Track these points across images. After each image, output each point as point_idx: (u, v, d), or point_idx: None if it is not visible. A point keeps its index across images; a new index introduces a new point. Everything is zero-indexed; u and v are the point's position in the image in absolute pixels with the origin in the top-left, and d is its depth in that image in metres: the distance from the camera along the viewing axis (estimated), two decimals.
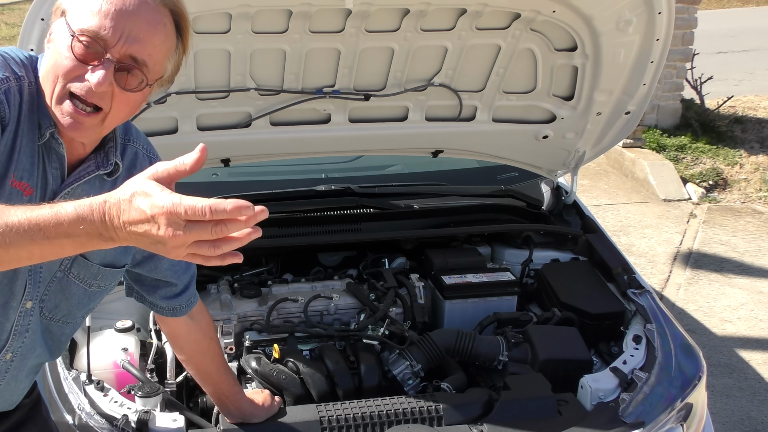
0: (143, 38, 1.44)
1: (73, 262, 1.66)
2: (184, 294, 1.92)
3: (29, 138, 1.48)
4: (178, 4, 1.52)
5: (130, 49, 1.43)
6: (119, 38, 1.42)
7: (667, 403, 2.23)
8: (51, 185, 1.54)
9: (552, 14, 2.62)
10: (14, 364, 1.68)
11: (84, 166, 1.58)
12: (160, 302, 1.91)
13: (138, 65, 1.46)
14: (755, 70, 11.12)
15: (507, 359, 2.44)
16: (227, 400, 2.08)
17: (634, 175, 7.55)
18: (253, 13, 2.43)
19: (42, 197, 1.53)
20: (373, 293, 2.74)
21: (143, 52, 1.45)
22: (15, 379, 1.73)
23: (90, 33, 1.41)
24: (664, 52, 2.74)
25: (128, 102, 1.49)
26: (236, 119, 2.84)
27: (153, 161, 1.75)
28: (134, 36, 1.43)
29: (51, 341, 1.75)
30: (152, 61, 1.47)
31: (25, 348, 1.67)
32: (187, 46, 1.57)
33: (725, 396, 4.06)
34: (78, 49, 1.42)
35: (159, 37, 1.47)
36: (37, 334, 1.69)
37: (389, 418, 2.08)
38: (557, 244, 3.11)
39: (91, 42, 1.41)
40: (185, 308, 1.94)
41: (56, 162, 1.54)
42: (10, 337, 1.63)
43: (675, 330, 2.52)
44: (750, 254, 5.92)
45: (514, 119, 3.07)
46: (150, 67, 1.47)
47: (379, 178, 3.53)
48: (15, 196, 1.47)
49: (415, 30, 2.62)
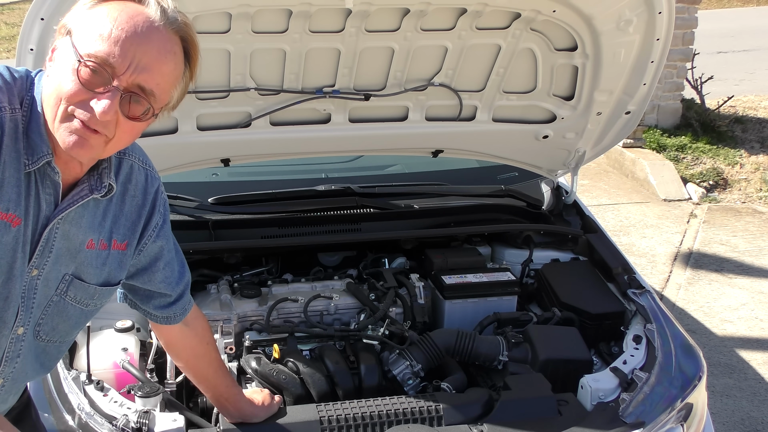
0: (152, 67, 1.40)
1: (69, 285, 1.63)
2: (178, 303, 1.89)
3: (14, 168, 1.43)
4: (189, 32, 1.48)
5: (138, 79, 1.39)
6: (128, 67, 1.38)
7: (667, 403, 2.22)
8: (44, 211, 1.51)
9: (552, 14, 2.62)
10: (5, 389, 1.66)
11: (77, 191, 1.54)
12: (154, 311, 1.88)
13: (145, 95, 1.42)
14: (755, 70, 11.12)
15: (507, 359, 2.44)
16: (226, 402, 2.07)
17: (635, 175, 7.55)
18: (253, 13, 2.43)
19: (35, 223, 1.50)
20: (373, 293, 2.74)
21: (151, 82, 1.41)
22: (4, 402, 1.70)
23: (98, 59, 1.37)
24: (664, 52, 2.74)
25: (131, 130, 1.46)
26: (236, 119, 2.84)
27: (149, 173, 1.72)
28: (143, 65, 1.39)
29: (46, 360, 1.73)
30: (159, 90, 1.43)
31: (17, 372, 1.64)
32: (194, 73, 1.53)
33: (725, 396, 4.06)
34: (84, 74, 1.37)
35: (168, 66, 1.43)
36: (28, 358, 1.66)
37: (389, 418, 2.07)
38: (557, 244, 3.11)
39: (98, 68, 1.37)
40: (179, 316, 1.91)
41: (50, 188, 1.50)
42: (1, 364, 1.60)
43: (675, 330, 2.52)
44: (750, 254, 5.92)
45: (514, 119, 3.07)
46: (157, 96, 1.44)
47: (379, 178, 3.53)
48: (2, 229, 1.43)
49: (415, 30, 2.62)
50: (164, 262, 1.82)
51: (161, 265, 1.81)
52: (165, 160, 2.77)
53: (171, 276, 1.85)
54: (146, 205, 1.71)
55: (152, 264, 1.80)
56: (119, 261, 1.70)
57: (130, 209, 1.68)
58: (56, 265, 1.57)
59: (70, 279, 1.62)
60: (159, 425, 1.99)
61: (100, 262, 1.65)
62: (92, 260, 1.64)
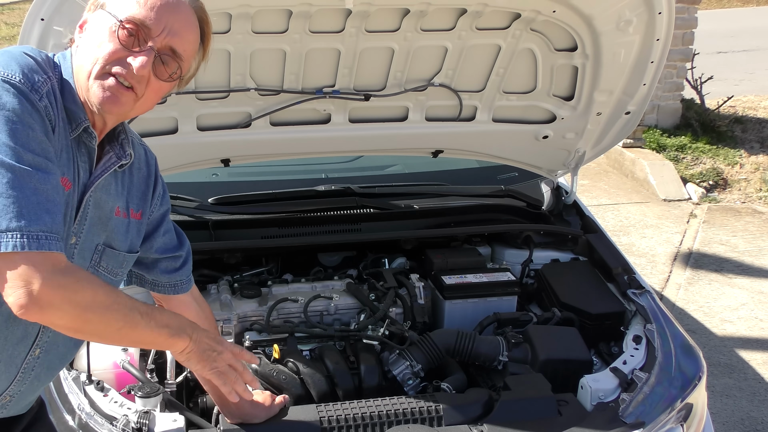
0: (182, 33, 1.57)
1: (102, 255, 1.71)
2: (184, 267, 1.97)
3: (64, 135, 1.55)
4: (205, 14, 1.65)
5: (171, 41, 1.55)
6: (162, 30, 1.54)
7: (667, 403, 2.22)
8: (82, 178, 1.61)
9: (552, 14, 2.62)
10: (39, 361, 1.70)
11: (107, 159, 1.66)
12: (162, 278, 1.94)
13: (175, 56, 1.57)
14: (755, 70, 11.13)
15: (507, 359, 2.44)
16: (228, 400, 2.07)
17: (634, 175, 7.55)
18: (253, 13, 2.43)
19: (75, 191, 1.59)
20: (373, 293, 2.74)
21: (181, 46, 1.57)
22: (38, 379, 1.74)
23: (136, 21, 1.52)
24: (664, 52, 2.74)
25: (158, 91, 1.60)
26: (236, 119, 2.84)
27: (146, 149, 1.87)
28: (175, 30, 1.55)
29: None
30: (186, 56, 1.60)
31: (50, 344, 1.69)
32: (207, 53, 1.69)
33: (725, 396, 4.06)
34: (123, 35, 1.51)
35: (193, 35, 1.61)
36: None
37: (389, 418, 2.08)
38: (557, 244, 3.11)
39: (135, 29, 1.52)
40: (186, 284, 1.98)
41: (85, 155, 1.61)
42: (39, 331, 1.65)
43: (675, 330, 2.52)
44: (750, 254, 5.92)
45: (514, 119, 3.07)
46: (184, 61, 1.60)
47: (379, 178, 3.53)
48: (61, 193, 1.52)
49: (415, 30, 2.62)
50: (164, 228, 1.93)
51: (162, 231, 1.92)
52: (165, 160, 2.74)
53: (172, 241, 1.94)
54: (151, 175, 1.85)
55: (155, 230, 1.90)
56: (137, 229, 1.81)
57: (139, 180, 1.81)
58: (89, 234, 1.66)
59: (103, 248, 1.71)
60: (159, 425, 1.99)
61: (124, 229, 1.76)
62: (119, 227, 1.74)
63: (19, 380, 1.69)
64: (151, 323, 1.58)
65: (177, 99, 2.65)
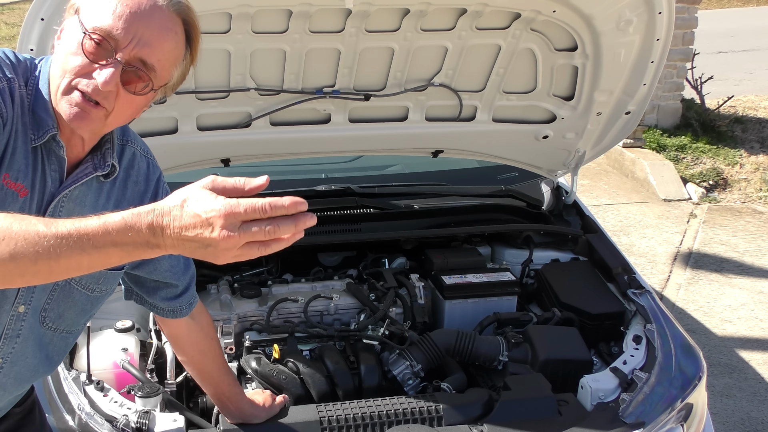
0: (154, 43, 1.45)
1: None
2: (185, 295, 1.91)
3: (23, 140, 1.48)
4: (190, 15, 1.54)
5: (140, 53, 1.44)
6: (130, 40, 1.43)
7: (667, 403, 2.22)
8: (50, 187, 1.54)
9: (552, 14, 2.62)
10: (3, 371, 1.65)
11: (81, 168, 1.58)
12: (161, 304, 1.89)
13: (146, 69, 1.46)
14: (755, 70, 11.12)
15: (507, 359, 2.44)
16: (228, 401, 2.07)
17: (635, 175, 7.55)
18: (253, 13, 2.43)
19: (40, 199, 1.53)
20: (373, 293, 2.74)
21: (152, 57, 1.46)
22: (3, 388, 1.69)
23: (102, 32, 1.42)
24: (664, 52, 2.74)
25: (131, 104, 1.50)
26: (236, 119, 2.84)
27: (150, 162, 1.76)
28: (145, 40, 1.44)
29: (52, 351, 1.73)
30: (160, 66, 1.48)
31: (15, 355, 1.64)
32: (195, 56, 1.58)
33: (725, 396, 4.06)
34: (89, 46, 1.43)
35: (169, 43, 1.48)
36: (29, 342, 1.65)
37: (389, 418, 2.07)
38: (557, 244, 3.11)
39: (102, 41, 1.42)
40: (186, 309, 1.92)
41: (56, 164, 1.54)
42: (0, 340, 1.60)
43: (675, 330, 2.52)
44: (750, 254, 5.92)
45: (514, 119, 3.07)
46: (157, 72, 1.48)
47: (379, 178, 3.53)
48: (10, 198, 1.47)
49: (415, 30, 2.62)
50: None
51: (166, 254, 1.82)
52: (165, 160, 2.75)
53: (177, 265, 1.86)
54: (148, 191, 1.74)
55: None
56: None
57: (132, 195, 1.71)
58: None
59: None
60: (159, 425, 1.99)
61: None
62: None
63: None
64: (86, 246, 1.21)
65: (177, 99, 2.65)
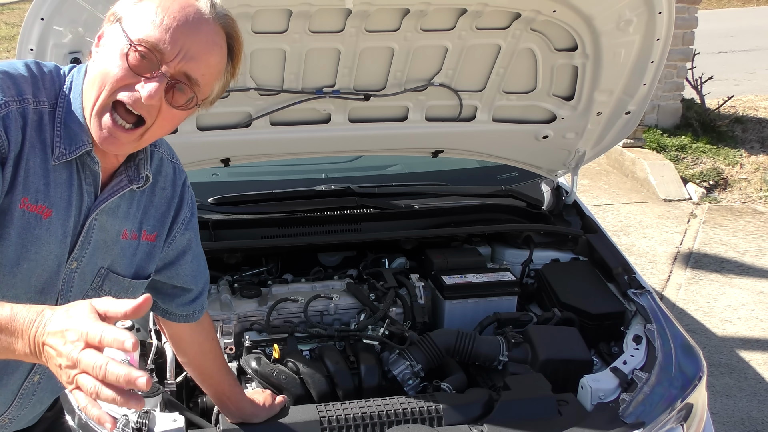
0: (199, 57, 1.42)
1: (105, 279, 1.63)
2: (199, 299, 1.90)
3: (40, 158, 1.44)
4: (234, 28, 1.51)
5: (185, 67, 1.41)
6: (177, 54, 1.40)
7: (667, 403, 2.22)
8: (86, 202, 1.52)
9: (552, 14, 2.62)
10: (41, 386, 1.67)
11: (116, 181, 1.56)
12: (175, 309, 1.87)
13: (190, 83, 1.43)
14: (755, 70, 11.12)
15: (507, 359, 2.44)
16: (228, 401, 2.07)
17: (635, 175, 7.55)
18: (253, 13, 2.43)
19: (77, 215, 1.51)
20: (373, 293, 2.74)
21: (197, 71, 1.43)
22: (40, 402, 1.71)
23: (148, 44, 1.38)
24: (664, 52, 2.74)
25: (172, 119, 1.47)
26: (236, 119, 2.84)
27: (176, 167, 1.74)
28: (191, 54, 1.41)
29: None
30: (204, 80, 1.45)
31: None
32: (236, 70, 1.55)
33: (725, 396, 4.06)
34: (133, 58, 1.38)
35: (214, 58, 1.46)
36: None
37: (389, 418, 2.07)
38: (557, 244, 3.11)
39: (148, 53, 1.38)
40: (198, 314, 1.92)
41: (90, 179, 1.52)
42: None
43: (675, 330, 2.52)
44: (750, 254, 5.92)
45: (515, 119, 3.07)
46: (201, 86, 1.45)
47: (379, 178, 3.53)
48: (33, 222, 1.44)
49: (415, 30, 2.62)
50: (192, 255, 1.83)
51: (189, 258, 1.83)
52: None
53: (198, 269, 1.85)
54: (175, 197, 1.73)
55: (180, 257, 1.81)
56: (148, 252, 1.70)
57: (160, 201, 1.70)
58: (93, 257, 1.58)
59: (106, 272, 1.62)
60: (159, 425, 1.99)
61: (131, 253, 1.66)
62: (126, 251, 1.65)
63: (18, 405, 1.66)
64: None
65: None
